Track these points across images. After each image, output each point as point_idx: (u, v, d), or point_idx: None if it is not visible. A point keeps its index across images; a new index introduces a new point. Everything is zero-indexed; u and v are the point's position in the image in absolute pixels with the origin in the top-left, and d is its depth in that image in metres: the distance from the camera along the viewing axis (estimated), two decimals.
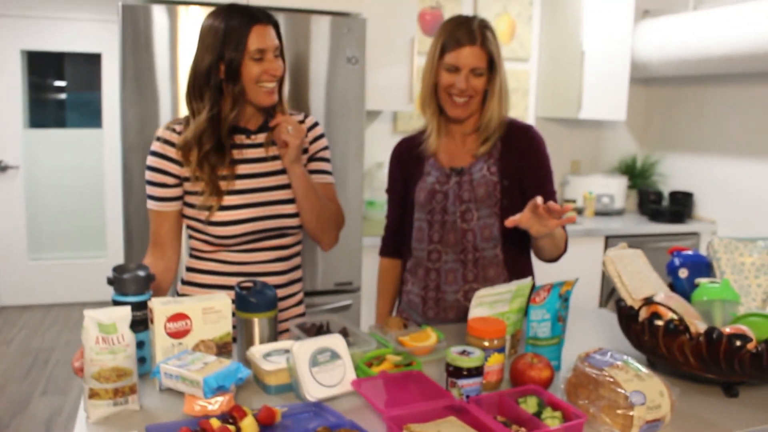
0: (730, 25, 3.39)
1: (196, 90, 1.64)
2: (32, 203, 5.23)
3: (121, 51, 2.60)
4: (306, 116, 1.82)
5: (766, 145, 3.69)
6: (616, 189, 4.09)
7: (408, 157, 1.95)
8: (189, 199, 1.69)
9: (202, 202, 1.65)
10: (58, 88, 5.61)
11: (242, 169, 1.70)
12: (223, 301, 1.39)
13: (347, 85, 2.89)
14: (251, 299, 1.45)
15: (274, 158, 1.73)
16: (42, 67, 5.42)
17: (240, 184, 1.69)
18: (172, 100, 2.68)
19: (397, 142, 2.02)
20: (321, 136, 1.83)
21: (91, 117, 5.48)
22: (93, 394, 1.21)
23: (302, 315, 1.86)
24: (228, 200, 1.67)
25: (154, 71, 2.65)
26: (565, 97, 3.95)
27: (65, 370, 4.04)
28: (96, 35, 5.08)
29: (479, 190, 1.81)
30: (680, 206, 4.05)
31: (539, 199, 1.50)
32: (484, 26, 1.79)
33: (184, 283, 1.77)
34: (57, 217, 5.34)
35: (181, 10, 2.64)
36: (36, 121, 5.34)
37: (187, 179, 1.67)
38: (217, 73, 1.61)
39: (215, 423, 1.10)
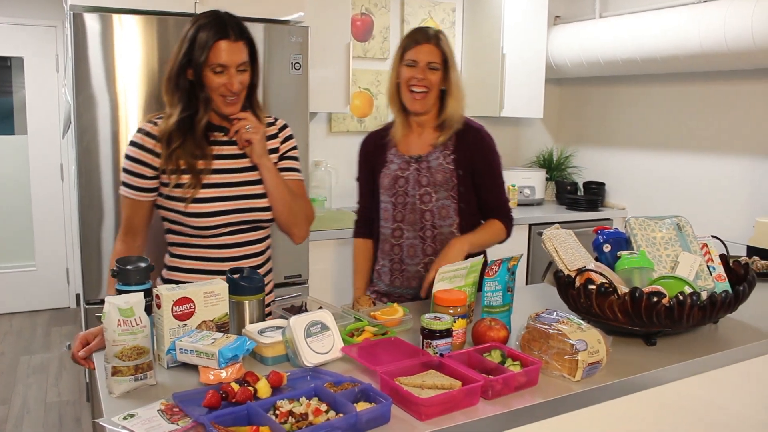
0: (631, 32, 3.77)
1: (168, 88, 1.79)
2: None
3: (74, 57, 2.67)
4: (276, 119, 1.99)
5: (667, 138, 4.11)
6: (535, 181, 4.43)
7: (373, 149, 2.24)
8: (164, 190, 1.82)
9: (178, 192, 1.79)
10: None
11: (219, 164, 1.84)
12: (221, 286, 1.56)
13: (289, 89, 3.06)
14: (242, 284, 1.63)
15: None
16: None
17: (216, 178, 1.83)
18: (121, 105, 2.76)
19: (364, 137, 2.31)
20: (290, 137, 2.00)
21: (1, 123, 5.34)
22: (116, 372, 1.36)
23: (273, 302, 2.03)
24: (205, 192, 1.81)
25: (102, 77, 2.72)
26: (487, 96, 4.25)
27: (4, 380, 4.01)
28: (8, 39, 4.96)
29: (437, 175, 2.11)
30: (594, 195, 4.42)
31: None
32: (439, 32, 2.10)
33: (169, 268, 1.91)
34: None
35: (126, 18, 2.73)
36: None
37: (164, 171, 1.80)
38: (186, 76, 1.76)
39: (235, 386, 1.27)
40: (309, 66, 3.09)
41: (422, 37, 2.06)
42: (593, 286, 1.69)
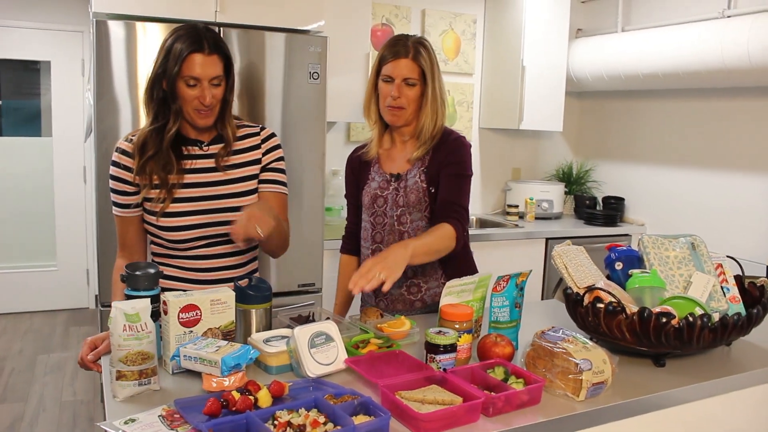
0: (653, 46, 3.75)
1: (145, 98, 1.80)
2: None
3: (96, 62, 2.72)
4: (262, 128, 1.97)
5: (687, 154, 4.07)
6: (554, 195, 4.41)
7: (359, 164, 2.17)
8: (144, 205, 1.84)
9: (151, 206, 1.81)
10: None
11: (192, 178, 1.84)
12: (228, 294, 1.57)
13: (307, 98, 3.08)
14: (250, 292, 1.64)
15: (226, 168, 1.87)
16: None
17: (188, 192, 1.83)
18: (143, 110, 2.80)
19: (351, 152, 2.23)
20: (275, 148, 1.95)
21: (28, 125, 5.45)
22: (120, 376, 1.38)
23: None
24: (177, 206, 1.82)
25: (125, 82, 2.77)
26: (507, 109, 4.24)
27: (22, 378, 4.07)
28: (37, 43, 5.07)
29: (411, 196, 2.02)
30: (613, 210, 4.39)
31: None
32: (419, 43, 1.99)
33: None
34: (4, 227, 5.29)
35: (150, 26, 2.78)
36: None
37: (141, 186, 1.82)
38: (160, 87, 1.76)
39: (236, 395, 1.28)
40: (327, 75, 3.11)
41: (400, 51, 1.96)
42: (602, 305, 1.68)
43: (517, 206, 4.35)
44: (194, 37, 1.72)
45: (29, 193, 5.31)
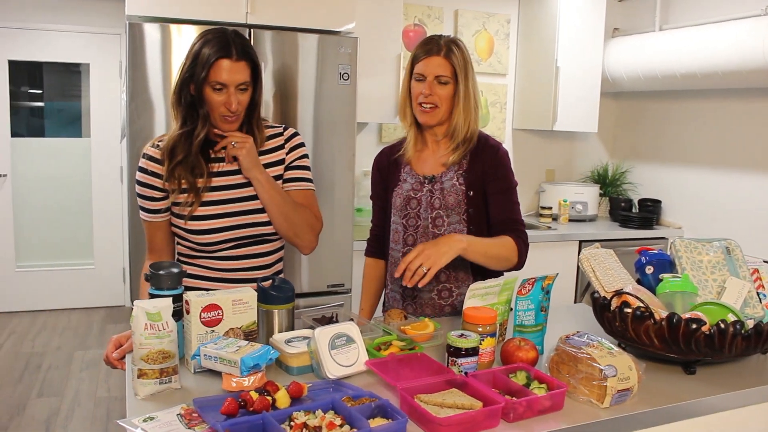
0: (692, 45, 3.66)
1: (173, 102, 1.81)
2: (19, 211, 5.31)
3: (130, 65, 2.76)
4: (285, 128, 1.96)
5: (726, 156, 3.96)
6: (588, 197, 4.34)
7: (387, 165, 2.14)
8: (172, 209, 1.85)
9: (180, 210, 1.82)
10: (35, 97, 5.64)
11: (219, 181, 1.85)
12: (250, 294, 1.57)
13: (338, 99, 3.09)
14: (272, 293, 1.64)
15: None
16: (18, 76, 5.41)
17: (216, 195, 1.84)
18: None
19: (377, 154, 2.21)
20: (299, 146, 1.95)
21: (69, 126, 5.57)
22: (141, 374, 1.39)
23: None
24: (205, 210, 1.82)
25: (159, 84, 2.81)
26: (540, 110, 4.19)
27: (59, 373, 4.15)
28: (77, 45, 5.18)
29: (449, 198, 1.99)
30: (649, 213, 4.30)
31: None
32: (452, 41, 1.97)
33: None
34: (44, 226, 5.42)
35: (184, 28, 2.81)
36: (14, 131, 5.32)
37: (170, 191, 1.83)
38: (188, 91, 1.77)
39: (254, 395, 1.28)
40: (358, 77, 3.11)
41: (433, 49, 1.94)
42: (629, 310, 1.64)
43: (550, 208, 4.29)
44: (222, 43, 1.73)
45: (69, 192, 5.42)
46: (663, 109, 4.39)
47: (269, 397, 1.29)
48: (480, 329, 1.58)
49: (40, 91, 5.61)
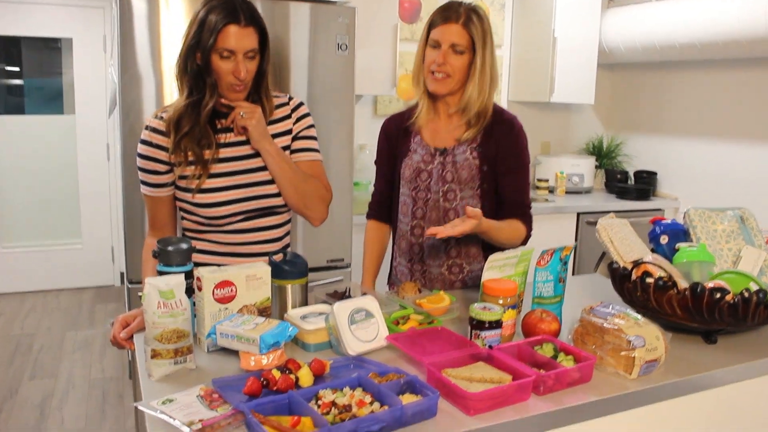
0: (690, 15, 3.61)
1: (178, 71, 1.73)
2: (2, 191, 5.18)
3: (120, 37, 2.66)
4: (290, 98, 1.90)
5: (723, 127, 3.94)
6: (584, 169, 4.31)
7: (396, 133, 2.08)
8: (179, 182, 1.79)
9: (187, 184, 1.76)
10: (13, 74, 5.43)
11: (227, 152, 1.78)
12: (264, 269, 1.52)
13: (334, 70, 3.00)
14: (285, 267, 1.59)
15: None
16: None
17: (224, 167, 1.77)
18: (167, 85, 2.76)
19: (386, 119, 2.14)
20: (305, 116, 1.89)
21: (50, 103, 5.42)
22: (155, 354, 1.33)
23: None
24: (213, 182, 1.76)
25: (148, 57, 2.72)
26: (537, 81, 4.13)
27: (51, 355, 4.08)
28: (59, 19, 5.00)
29: (463, 172, 1.94)
30: (645, 184, 4.28)
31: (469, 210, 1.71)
32: (472, 10, 1.88)
33: None
34: (29, 205, 5.30)
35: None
36: None
37: (176, 164, 1.76)
38: (194, 60, 1.69)
39: (277, 374, 1.23)
40: (356, 47, 3.03)
41: (451, 15, 1.85)
42: (651, 280, 1.60)
43: (547, 180, 4.26)
44: (230, 8, 1.65)
45: (53, 171, 5.30)
46: (659, 81, 4.35)
47: (292, 376, 1.24)
48: (501, 301, 1.54)
49: (18, 69, 5.45)
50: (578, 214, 3.93)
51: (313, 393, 1.19)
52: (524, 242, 1.97)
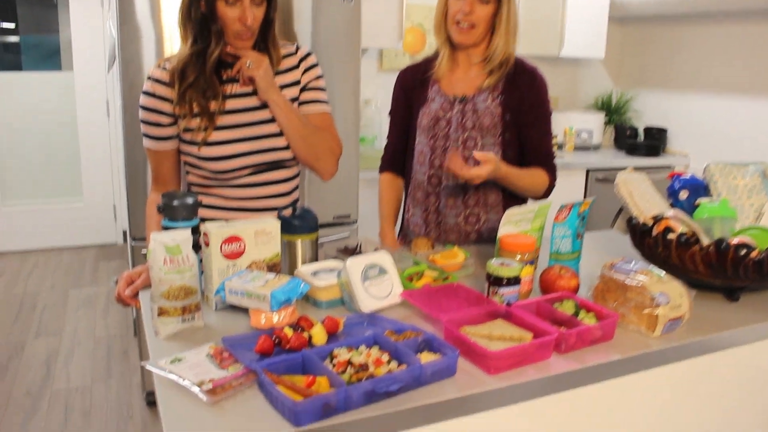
0: None
1: (181, 20, 1.65)
2: (2, 148, 5.10)
3: None
4: (298, 47, 1.82)
5: (735, 82, 3.84)
6: (593, 125, 4.22)
7: (412, 84, 2.02)
8: (184, 135, 1.72)
9: (192, 137, 1.69)
10: (8, 32, 5.32)
11: (233, 104, 1.71)
12: (273, 224, 1.46)
13: (339, 22, 2.90)
14: (295, 222, 1.53)
15: None
16: None
17: (230, 119, 1.70)
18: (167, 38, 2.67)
19: (401, 70, 2.09)
20: (313, 66, 1.81)
21: (48, 60, 5.30)
22: (162, 312, 1.28)
23: None
24: (220, 135, 1.69)
25: (147, 9, 2.62)
26: (546, 35, 4.02)
27: (54, 312, 4.06)
28: None
29: (484, 119, 1.89)
30: (655, 141, 4.20)
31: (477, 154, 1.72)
32: None
33: None
34: (29, 163, 5.23)
35: None
36: None
37: (180, 116, 1.69)
38: (198, 6, 1.62)
39: (289, 332, 1.19)
40: None
41: None
42: (673, 235, 1.55)
43: (555, 136, 4.17)
44: None
45: (52, 128, 5.21)
46: (671, 34, 4.23)
47: (305, 334, 1.20)
48: (518, 257, 1.49)
49: (14, 25, 5.32)
50: (587, 171, 3.86)
51: (327, 351, 1.15)
52: (547, 192, 1.95)
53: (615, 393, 1.31)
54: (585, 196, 3.86)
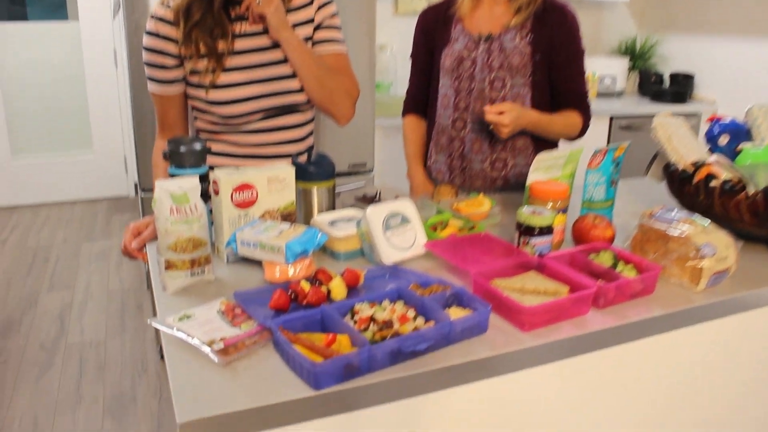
0: None
1: None
2: (9, 102, 5.01)
3: None
4: None
5: (763, 25, 3.65)
6: (617, 70, 4.05)
7: (434, 24, 1.91)
8: (190, 78, 1.61)
9: (199, 80, 1.58)
10: None
11: (242, 44, 1.59)
12: (287, 170, 1.36)
13: None
14: (310, 168, 1.43)
15: None
16: None
17: (240, 60, 1.59)
18: None
19: (421, 11, 1.97)
20: (328, 3, 1.69)
21: (54, 10, 5.16)
22: (170, 266, 1.20)
23: None
24: (229, 78, 1.57)
25: None
26: None
27: (67, 266, 4.03)
28: None
29: (513, 59, 1.77)
30: (681, 87, 4.03)
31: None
32: None
33: None
34: (37, 116, 5.14)
35: None
36: None
37: (186, 57, 1.58)
38: None
39: (306, 286, 1.10)
40: None
41: None
42: (716, 183, 1.44)
43: (588, 75, 4.01)
44: None
45: (60, 79, 5.10)
46: None
47: (323, 288, 1.11)
48: (550, 205, 1.38)
49: None
50: (611, 118, 3.71)
51: (348, 307, 1.06)
52: (581, 134, 1.89)
53: (656, 350, 1.22)
54: (608, 144, 3.72)
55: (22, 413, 2.52)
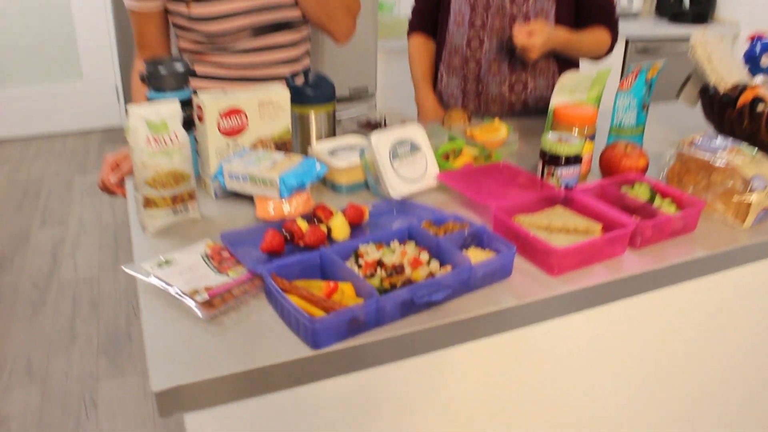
0: None
1: None
2: None
3: None
4: None
5: None
6: None
7: None
8: None
9: None
10: None
11: None
12: (281, 93, 1.20)
13: None
14: (307, 91, 1.27)
15: None
16: None
17: None
18: None
19: None
20: None
21: None
22: (149, 203, 1.06)
23: None
24: None
25: None
26: None
27: (59, 200, 3.91)
28: None
29: None
30: (701, 7, 3.80)
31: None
32: None
33: None
34: (23, 45, 4.91)
35: None
36: None
37: None
38: None
39: (303, 224, 0.96)
40: None
41: None
42: (763, 107, 1.28)
43: None
44: None
45: (45, 6, 4.86)
46: None
47: (323, 226, 0.97)
48: (577, 131, 1.23)
49: None
50: (627, 41, 3.50)
51: (351, 249, 0.92)
52: (608, 51, 1.72)
53: (698, 295, 1.10)
54: (623, 68, 3.52)
55: (15, 353, 2.44)
